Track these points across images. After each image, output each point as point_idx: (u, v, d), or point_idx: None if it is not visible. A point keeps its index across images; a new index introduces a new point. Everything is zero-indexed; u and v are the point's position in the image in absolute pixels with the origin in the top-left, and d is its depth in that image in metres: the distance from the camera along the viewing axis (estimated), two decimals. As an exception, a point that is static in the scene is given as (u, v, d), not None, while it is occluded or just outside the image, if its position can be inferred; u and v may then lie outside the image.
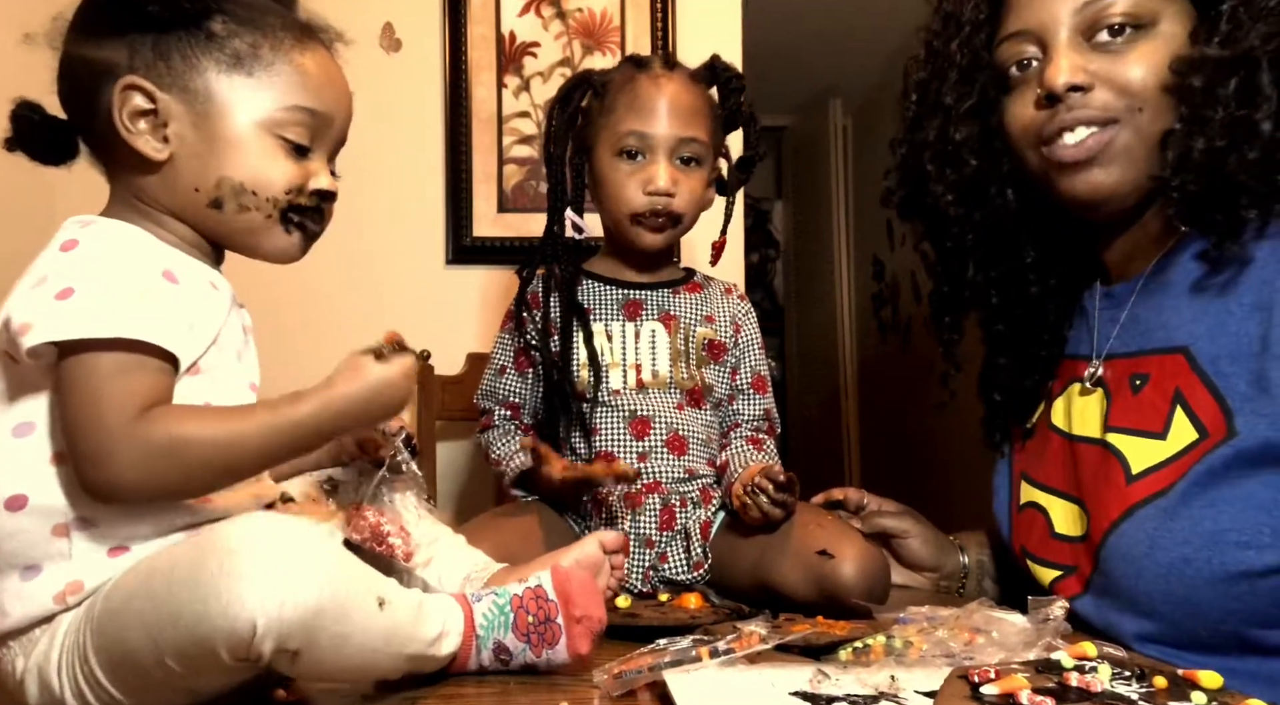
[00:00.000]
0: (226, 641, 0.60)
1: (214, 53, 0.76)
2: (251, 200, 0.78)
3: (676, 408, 1.20)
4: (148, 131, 0.75)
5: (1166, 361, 0.90)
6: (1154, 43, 0.88)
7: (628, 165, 1.19)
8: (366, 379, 0.74)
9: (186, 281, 0.75)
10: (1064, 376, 1.04)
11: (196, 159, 0.77)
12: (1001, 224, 1.02)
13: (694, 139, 1.19)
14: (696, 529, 1.14)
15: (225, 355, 0.77)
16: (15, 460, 0.70)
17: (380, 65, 1.95)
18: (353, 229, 1.91)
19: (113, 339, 0.67)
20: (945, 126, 1.01)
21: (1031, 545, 1.01)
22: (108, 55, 0.75)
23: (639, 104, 1.18)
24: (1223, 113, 0.84)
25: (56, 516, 0.69)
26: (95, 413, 0.66)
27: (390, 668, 0.70)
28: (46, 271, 0.69)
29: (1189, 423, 0.86)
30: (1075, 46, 0.90)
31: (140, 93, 0.75)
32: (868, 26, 3.42)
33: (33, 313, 0.67)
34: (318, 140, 0.81)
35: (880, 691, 0.68)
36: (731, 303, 1.29)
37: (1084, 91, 0.89)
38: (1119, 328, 0.97)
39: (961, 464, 3.20)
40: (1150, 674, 0.63)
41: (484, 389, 1.26)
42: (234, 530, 0.62)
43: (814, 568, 0.99)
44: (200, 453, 0.68)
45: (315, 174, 0.81)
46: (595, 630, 0.77)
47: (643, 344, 1.22)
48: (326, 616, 0.62)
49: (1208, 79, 0.85)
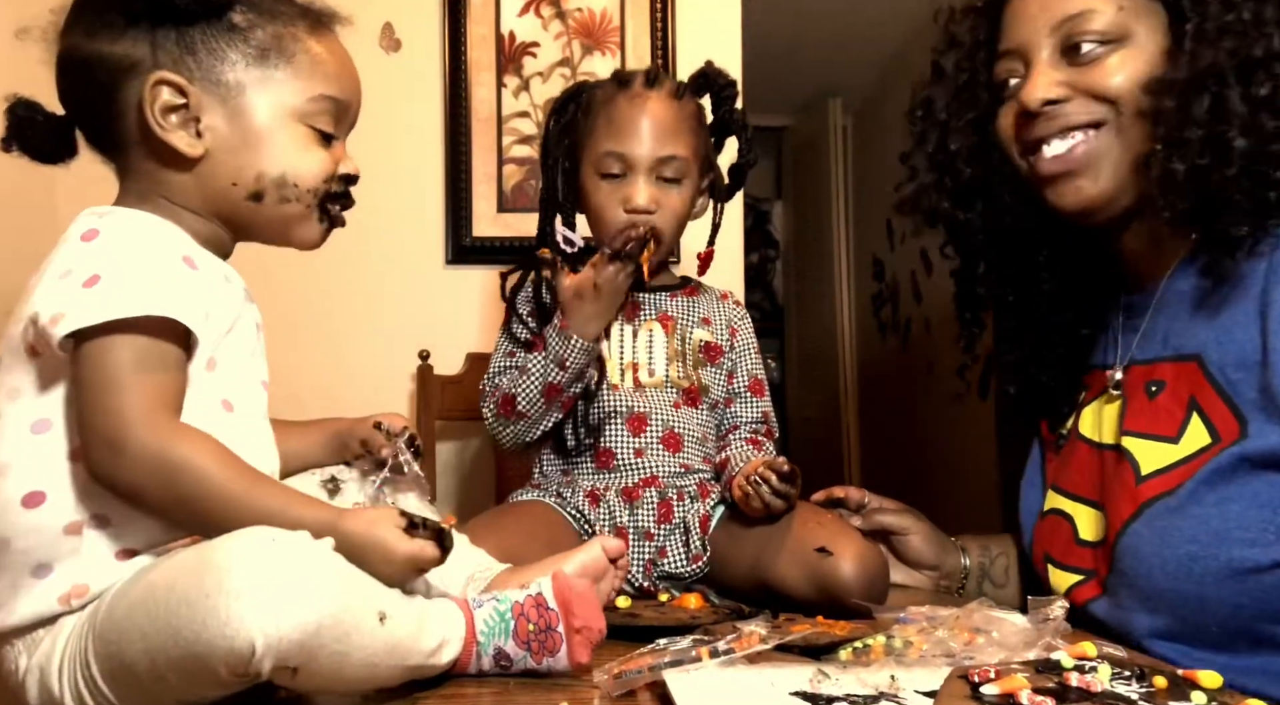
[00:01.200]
0: (225, 660, 0.59)
1: (239, 45, 0.77)
2: (292, 192, 0.79)
3: (673, 406, 1.21)
4: (179, 126, 0.75)
5: (1182, 369, 0.92)
6: (1129, 51, 0.92)
7: (608, 185, 1.20)
8: (371, 533, 0.71)
9: (204, 269, 0.75)
10: (1095, 387, 1.06)
11: (232, 153, 0.77)
12: (1009, 229, 1.05)
13: (674, 157, 1.19)
14: (695, 522, 1.14)
15: (239, 350, 0.78)
16: (33, 457, 0.70)
17: (380, 65, 1.95)
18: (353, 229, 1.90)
19: (135, 319, 0.67)
20: (945, 138, 1.05)
21: (1056, 552, 1.02)
22: (128, 50, 0.75)
23: (617, 125, 1.19)
24: (1199, 132, 0.86)
25: (72, 514, 0.69)
26: (118, 404, 0.67)
27: (390, 678, 0.69)
28: (71, 263, 0.70)
29: (1204, 428, 0.88)
30: (1053, 64, 0.94)
31: (170, 87, 0.74)
32: (868, 26, 3.42)
33: (63, 303, 0.67)
34: (339, 126, 0.82)
35: (880, 691, 0.68)
36: (727, 308, 1.30)
37: (1059, 103, 0.93)
38: (1139, 336, 0.99)
39: (961, 464, 3.20)
40: (1150, 674, 0.63)
41: (494, 368, 1.23)
42: (234, 547, 0.61)
43: (813, 566, 0.99)
44: (195, 487, 0.67)
45: (342, 159, 0.83)
46: (595, 640, 0.77)
47: (640, 344, 1.23)
48: (327, 635, 0.61)
49: (1180, 100, 0.87)
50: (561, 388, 1.15)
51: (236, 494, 0.68)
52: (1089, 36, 0.92)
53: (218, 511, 0.67)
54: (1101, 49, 0.92)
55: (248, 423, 0.78)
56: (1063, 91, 0.93)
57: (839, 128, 4.18)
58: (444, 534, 0.73)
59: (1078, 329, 1.09)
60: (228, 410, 0.76)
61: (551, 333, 1.16)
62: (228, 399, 0.76)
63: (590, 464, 1.20)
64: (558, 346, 1.14)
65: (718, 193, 1.31)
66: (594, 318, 1.15)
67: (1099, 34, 0.92)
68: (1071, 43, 0.93)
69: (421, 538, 0.72)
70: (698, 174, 1.24)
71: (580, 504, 1.16)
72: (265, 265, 0.85)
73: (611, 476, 1.18)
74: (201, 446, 0.69)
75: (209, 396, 0.74)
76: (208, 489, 0.67)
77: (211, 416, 0.74)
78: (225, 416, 0.76)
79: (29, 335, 0.70)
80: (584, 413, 1.20)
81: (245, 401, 0.78)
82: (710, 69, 1.27)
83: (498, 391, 1.18)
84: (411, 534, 0.72)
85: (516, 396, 1.16)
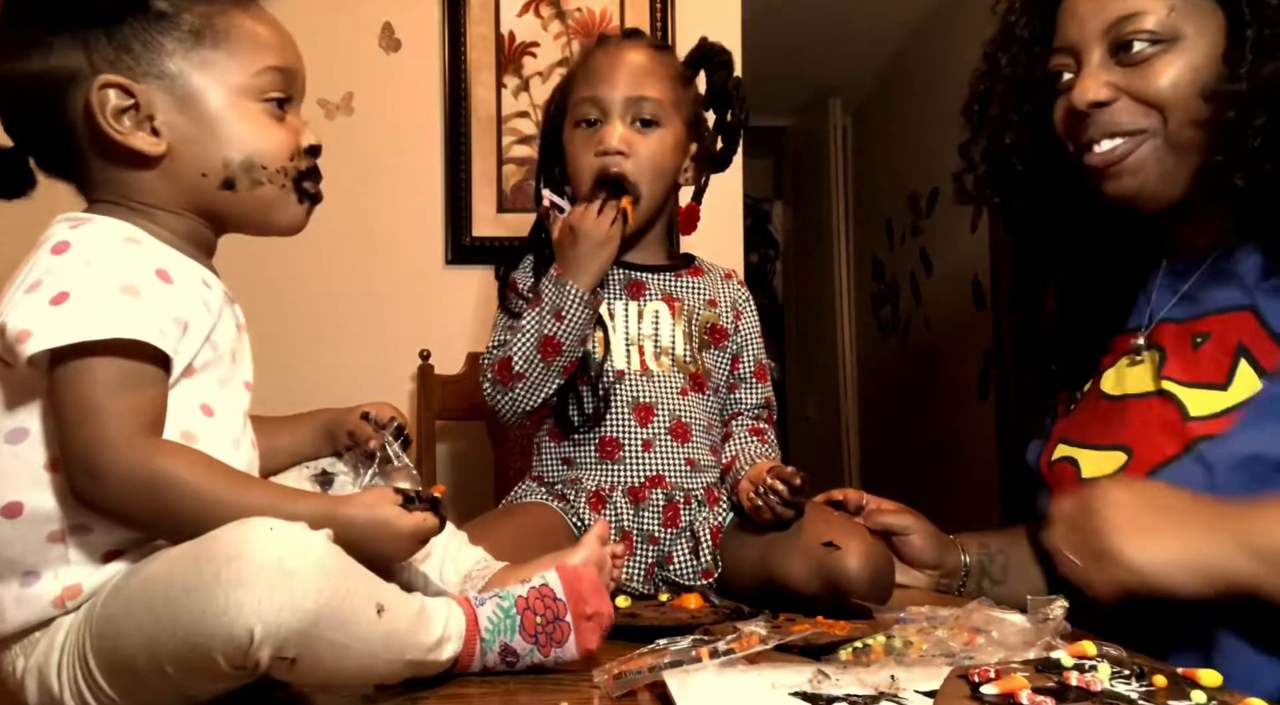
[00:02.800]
0: (223, 649, 0.59)
1: (170, 32, 0.75)
2: (263, 174, 0.78)
3: (679, 393, 1.19)
4: (135, 127, 0.74)
5: (1231, 319, 0.93)
6: (1178, 54, 0.92)
7: (583, 132, 1.19)
8: (372, 514, 0.72)
9: (180, 280, 0.74)
10: (1118, 349, 1.06)
11: (195, 144, 0.76)
12: (1063, 215, 1.08)
13: (647, 98, 1.17)
14: (706, 533, 1.13)
15: (220, 354, 0.77)
16: (10, 468, 0.69)
17: (380, 65, 1.95)
18: (352, 229, 1.92)
19: (109, 341, 0.66)
20: (1001, 131, 1.08)
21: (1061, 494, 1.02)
22: (62, 62, 0.73)
23: (592, 72, 1.19)
24: (1259, 144, 0.87)
25: (52, 523, 0.69)
26: (97, 427, 0.66)
27: (389, 673, 0.69)
28: (40, 276, 0.68)
29: (1252, 372, 0.88)
30: (1104, 64, 0.96)
31: (116, 89, 0.73)
32: (868, 26, 3.42)
33: (30, 319, 0.66)
34: (291, 97, 0.81)
35: (880, 691, 0.68)
36: (732, 288, 1.29)
37: (1107, 105, 0.95)
38: (1177, 297, 1.00)
39: (961, 464, 3.20)
40: (1150, 673, 0.63)
41: (491, 343, 1.21)
42: (232, 536, 0.61)
43: (819, 560, 0.99)
44: (180, 500, 0.67)
45: (300, 131, 0.81)
46: (605, 626, 0.77)
47: (645, 323, 1.21)
48: (324, 624, 0.61)
49: (1240, 112, 0.87)
50: (559, 342, 1.12)
51: (223, 500, 0.67)
52: (1140, 36, 0.93)
53: (208, 520, 0.65)
54: (1152, 49, 0.93)
55: (227, 426, 0.77)
56: (1110, 93, 0.94)
57: (839, 128, 4.18)
58: (438, 503, 0.75)
59: (1118, 296, 1.10)
60: (207, 415, 0.75)
61: (546, 283, 1.14)
62: (207, 403, 0.75)
63: (594, 453, 1.17)
64: (552, 295, 1.12)
65: (712, 163, 1.29)
66: (580, 262, 1.12)
67: (1150, 34, 0.93)
68: (1122, 42, 0.94)
69: (419, 509, 0.74)
70: (680, 127, 1.21)
71: (583, 511, 1.15)
72: (265, 265, 0.85)
73: (616, 471, 1.16)
74: (180, 459, 0.68)
75: (187, 402, 0.73)
76: (192, 500, 0.67)
77: (190, 422, 0.73)
78: (204, 421, 0.75)
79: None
80: (591, 384, 1.17)
81: (225, 404, 0.77)
82: (705, 43, 1.27)
83: (494, 359, 1.16)
84: (409, 508, 0.74)
85: (512, 357, 1.13)
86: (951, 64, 1.48)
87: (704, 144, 1.28)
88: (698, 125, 1.26)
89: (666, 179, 1.22)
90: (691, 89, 1.25)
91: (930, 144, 3.25)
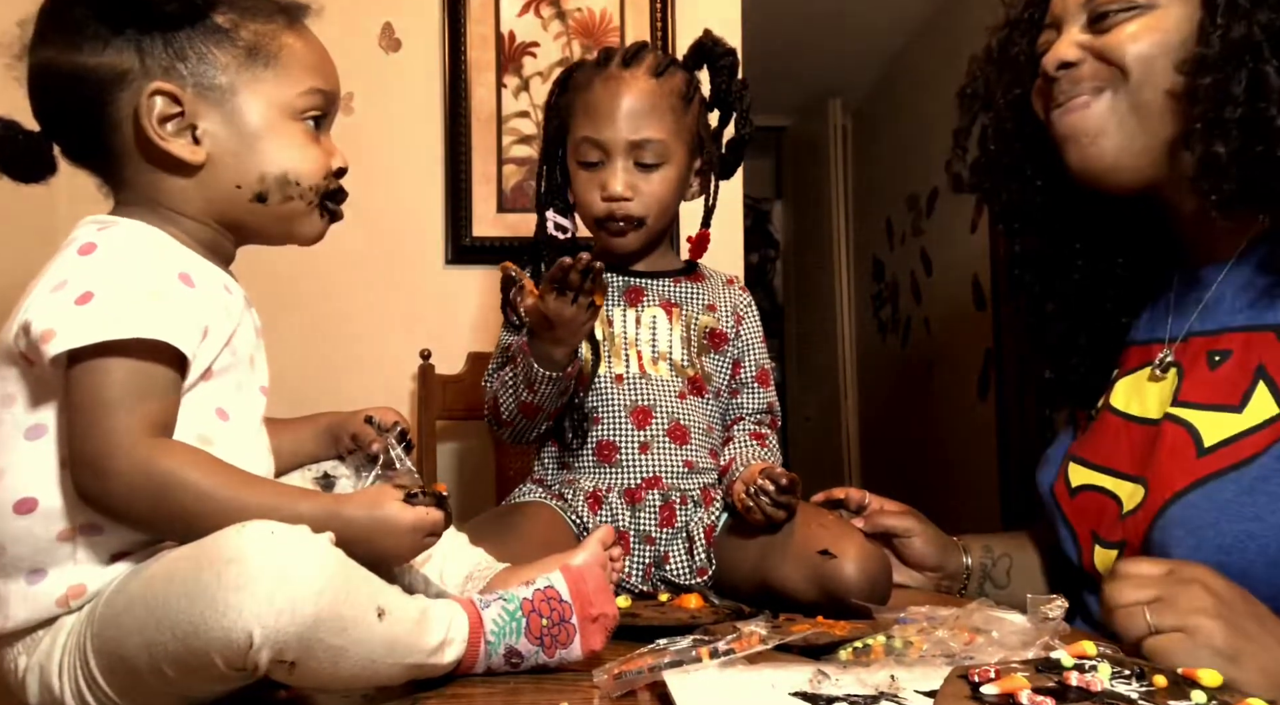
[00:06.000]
0: (222, 651, 0.59)
1: (226, 46, 0.76)
2: (295, 190, 0.79)
3: (678, 396, 1.20)
4: (177, 134, 0.75)
5: (1254, 338, 0.90)
6: (1149, 17, 0.92)
7: (586, 172, 1.19)
8: (375, 513, 0.72)
9: (202, 284, 0.75)
10: (1133, 361, 1.04)
11: (234, 156, 0.77)
12: (1054, 206, 1.07)
13: (650, 140, 1.16)
14: (700, 533, 1.14)
15: (238, 359, 0.77)
16: (27, 463, 0.70)
17: (380, 65, 1.95)
18: (352, 229, 1.91)
19: (128, 341, 0.67)
20: (991, 114, 1.08)
21: (1103, 530, 1.00)
22: (115, 61, 0.74)
23: (592, 109, 1.18)
24: (1239, 112, 0.84)
25: (63, 521, 0.69)
26: (106, 427, 0.66)
27: (389, 676, 0.69)
28: (66, 275, 0.69)
29: (1270, 396, 0.86)
30: (1080, 32, 0.96)
31: (165, 97, 0.74)
32: (868, 26, 3.42)
33: (55, 319, 0.67)
34: (326, 118, 0.83)
35: (880, 691, 0.68)
36: (733, 293, 1.29)
37: (1075, 66, 0.95)
38: (1201, 308, 0.97)
39: (961, 464, 3.20)
40: (1150, 673, 0.63)
41: (492, 365, 1.22)
42: (232, 539, 0.61)
43: (815, 567, 0.99)
44: (184, 500, 0.67)
45: (333, 153, 0.83)
46: (610, 627, 0.77)
47: (643, 330, 1.22)
48: (324, 628, 0.61)
49: (1216, 77, 0.85)
50: (536, 406, 1.13)
51: (228, 499, 0.68)
52: (1115, 5, 0.93)
53: (212, 520, 0.65)
54: (1124, 15, 0.93)
55: (243, 430, 0.78)
56: (1077, 53, 0.95)
57: (839, 128, 4.18)
58: (442, 498, 0.75)
59: (1119, 305, 1.08)
60: (223, 419, 0.76)
61: (519, 354, 1.12)
62: (223, 407, 0.76)
63: (591, 457, 1.18)
64: (524, 369, 1.11)
65: (716, 170, 1.28)
66: (553, 347, 1.08)
67: (1125, 2, 0.93)
68: (1099, 12, 0.94)
69: (422, 504, 0.74)
70: (684, 155, 1.21)
71: (581, 510, 1.15)
72: (266, 266, 0.85)
73: (613, 473, 1.17)
74: (183, 459, 0.68)
75: (204, 405, 0.74)
76: (196, 499, 0.67)
77: (205, 425, 0.74)
78: (220, 425, 0.75)
79: (21, 343, 0.69)
80: (579, 404, 1.17)
81: (241, 409, 0.78)
82: (708, 38, 1.24)
83: (490, 392, 1.18)
84: (412, 503, 0.73)
85: (499, 406, 1.15)
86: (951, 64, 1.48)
87: (708, 157, 1.26)
88: (701, 144, 1.25)
89: (671, 207, 1.23)
90: (694, 106, 1.23)
91: (930, 144, 3.25)
